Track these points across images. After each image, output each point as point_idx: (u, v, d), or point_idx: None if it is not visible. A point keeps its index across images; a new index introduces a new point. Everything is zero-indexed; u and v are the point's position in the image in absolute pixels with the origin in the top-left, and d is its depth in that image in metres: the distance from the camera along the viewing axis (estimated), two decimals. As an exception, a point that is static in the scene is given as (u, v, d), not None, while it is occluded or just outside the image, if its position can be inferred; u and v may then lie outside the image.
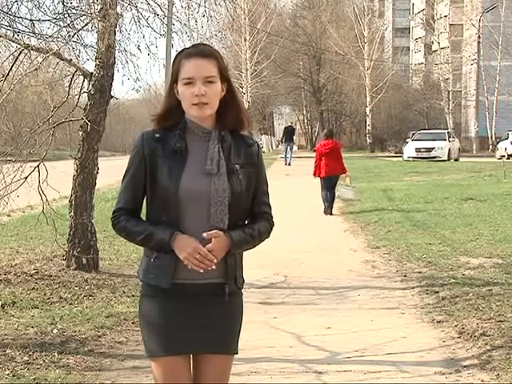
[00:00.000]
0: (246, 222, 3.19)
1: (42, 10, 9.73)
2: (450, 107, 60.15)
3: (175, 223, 3.05)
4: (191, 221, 3.05)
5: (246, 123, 3.19)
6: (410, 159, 39.88)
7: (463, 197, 17.85)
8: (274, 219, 3.28)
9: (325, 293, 8.61)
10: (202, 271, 3.01)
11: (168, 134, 3.12)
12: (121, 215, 3.14)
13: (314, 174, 16.91)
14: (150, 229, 3.07)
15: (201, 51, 3.09)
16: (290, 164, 37.64)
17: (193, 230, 3.03)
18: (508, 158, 39.96)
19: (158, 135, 3.13)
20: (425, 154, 40.17)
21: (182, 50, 3.16)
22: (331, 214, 16.44)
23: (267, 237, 3.24)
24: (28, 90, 10.18)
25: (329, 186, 16.51)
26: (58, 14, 9.75)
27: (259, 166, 3.21)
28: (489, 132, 57.66)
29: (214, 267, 3.02)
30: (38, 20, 9.68)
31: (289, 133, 40.53)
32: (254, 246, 3.21)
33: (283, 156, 40.05)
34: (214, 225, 3.04)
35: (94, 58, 9.44)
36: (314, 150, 17.80)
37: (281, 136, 48.31)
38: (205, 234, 3.00)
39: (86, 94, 9.40)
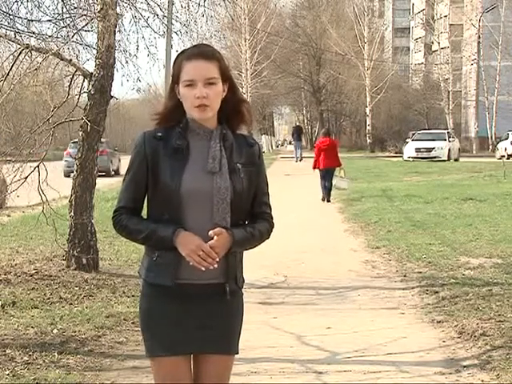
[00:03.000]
0: (247, 222, 3.19)
1: (42, 9, 9.74)
2: (450, 107, 60.14)
3: (177, 222, 3.04)
4: (193, 219, 3.05)
5: (248, 119, 3.20)
6: (410, 159, 39.88)
7: (463, 197, 17.84)
8: (273, 219, 3.28)
9: (325, 293, 8.61)
10: (203, 269, 3.01)
11: (170, 133, 3.12)
12: (122, 214, 3.14)
13: (314, 168, 19.30)
14: (151, 226, 3.07)
15: (202, 52, 3.08)
16: (301, 160, 39.94)
17: (195, 228, 3.03)
18: (508, 158, 39.94)
19: (159, 134, 3.13)
20: (425, 154, 40.17)
21: (183, 51, 3.15)
22: (329, 201, 18.85)
23: (267, 237, 3.24)
24: (28, 90, 10.19)
25: (327, 177, 18.98)
26: (58, 14, 9.75)
27: (260, 166, 3.21)
28: (489, 132, 57.65)
29: (215, 266, 3.01)
30: (38, 20, 9.69)
31: (297, 132, 44.19)
32: (255, 246, 3.20)
33: (293, 155, 43.44)
34: (216, 223, 3.04)
35: (94, 58, 9.44)
36: (314, 147, 20.76)
37: (286, 136, 52.50)
38: (211, 232, 3.00)
39: (85, 94, 9.40)
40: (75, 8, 9.82)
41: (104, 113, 9.33)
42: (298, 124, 55.07)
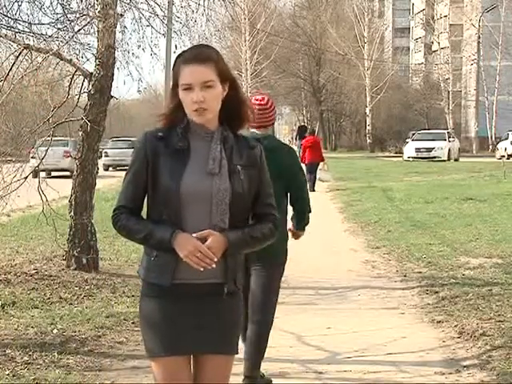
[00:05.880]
0: (250, 223, 3.18)
1: (42, 10, 9.73)
2: (450, 107, 60.16)
3: (176, 222, 3.04)
4: (192, 220, 3.05)
5: (251, 117, 3.20)
6: (410, 159, 39.92)
7: (463, 197, 17.85)
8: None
9: (325, 293, 8.61)
10: (202, 269, 3.01)
11: (171, 133, 3.12)
12: (121, 213, 3.14)
13: (300, 161, 22.58)
14: (150, 227, 3.07)
15: (197, 56, 3.06)
16: None
17: (194, 229, 3.03)
18: (508, 158, 39.97)
19: (160, 134, 3.13)
20: (425, 154, 40.21)
21: (181, 54, 3.15)
22: (314, 190, 21.02)
23: (272, 238, 3.21)
24: (28, 90, 10.18)
25: (311, 170, 21.83)
26: (58, 14, 9.75)
27: (261, 168, 3.20)
28: (489, 132, 57.67)
29: (213, 266, 3.01)
30: (38, 24, 9.69)
31: (302, 131, 46.10)
32: (256, 247, 3.19)
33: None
34: (215, 224, 3.04)
35: (94, 58, 9.44)
36: (301, 144, 23.40)
37: (286, 135, 53.27)
38: (194, 234, 3.01)
39: (86, 94, 9.40)
40: (74, 12, 9.82)
41: (104, 113, 9.33)
42: (302, 124, 56.07)
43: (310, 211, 5.70)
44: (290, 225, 5.67)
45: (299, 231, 5.74)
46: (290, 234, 5.65)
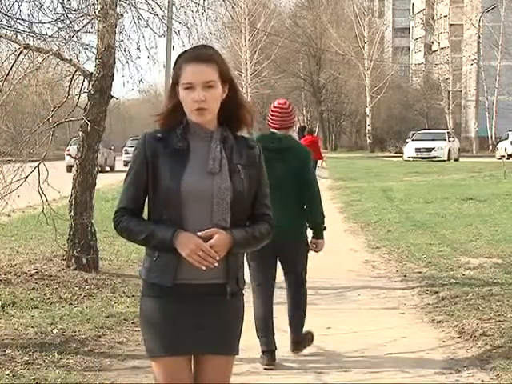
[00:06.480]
0: (248, 224, 3.18)
1: (42, 10, 9.73)
2: (450, 107, 60.18)
3: (177, 222, 3.04)
4: (193, 220, 3.05)
5: (249, 120, 3.20)
6: (410, 159, 39.93)
7: (463, 197, 17.85)
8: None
9: (325, 293, 8.61)
10: (204, 268, 3.01)
11: (170, 133, 3.12)
12: (122, 215, 3.13)
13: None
14: (151, 228, 3.07)
15: (200, 55, 3.07)
16: None
17: (195, 229, 3.02)
18: (508, 158, 39.98)
19: (159, 135, 3.13)
20: (425, 154, 40.23)
21: (183, 53, 3.15)
22: None
23: (268, 239, 3.22)
24: (28, 90, 10.18)
25: None
26: (58, 14, 9.75)
27: (260, 168, 3.21)
28: (489, 132, 57.69)
29: (216, 264, 3.01)
30: (38, 22, 9.68)
31: (302, 131, 46.54)
32: (255, 247, 3.20)
33: None
34: (216, 223, 3.04)
35: (94, 58, 9.45)
36: None
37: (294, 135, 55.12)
38: (199, 233, 3.01)
39: (85, 94, 9.40)
40: (75, 11, 9.82)
41: (104, 113, 9.33)
42: (302, 124, 56.55)
43: (324, 216, 6.53)
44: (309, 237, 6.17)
45: (319, 239, 6.43)
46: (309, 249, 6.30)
